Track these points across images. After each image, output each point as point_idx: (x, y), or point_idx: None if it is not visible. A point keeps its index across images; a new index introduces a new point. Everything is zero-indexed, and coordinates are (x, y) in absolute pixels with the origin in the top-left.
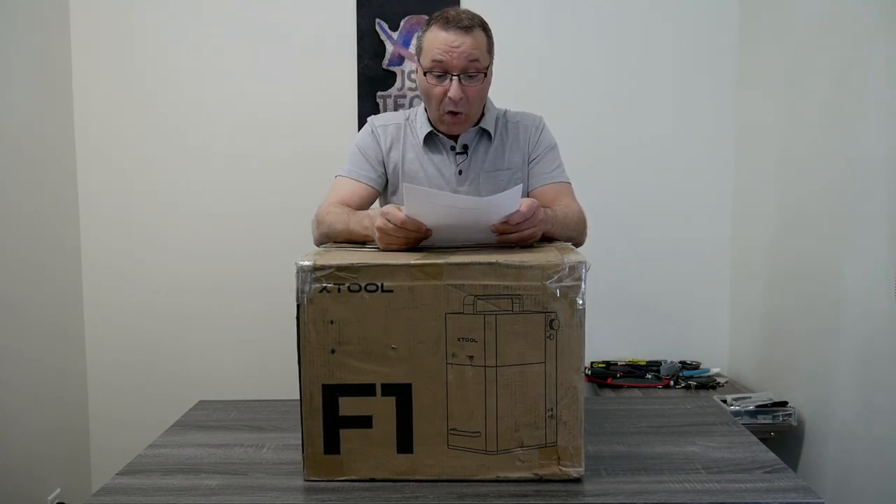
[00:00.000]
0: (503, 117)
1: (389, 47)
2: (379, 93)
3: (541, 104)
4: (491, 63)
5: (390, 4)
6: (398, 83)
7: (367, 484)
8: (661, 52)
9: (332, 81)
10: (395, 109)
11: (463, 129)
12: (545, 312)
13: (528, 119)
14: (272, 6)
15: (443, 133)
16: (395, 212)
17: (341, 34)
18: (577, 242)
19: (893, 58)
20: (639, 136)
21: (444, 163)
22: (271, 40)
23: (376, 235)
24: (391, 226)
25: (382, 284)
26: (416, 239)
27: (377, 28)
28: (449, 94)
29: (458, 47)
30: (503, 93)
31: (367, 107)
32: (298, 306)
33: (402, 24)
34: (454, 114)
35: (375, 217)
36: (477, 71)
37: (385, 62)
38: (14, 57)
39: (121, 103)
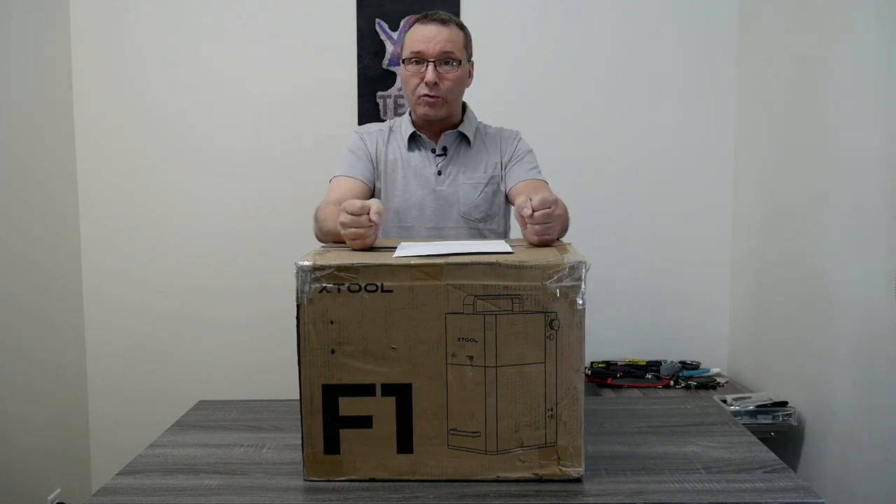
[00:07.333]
0: (483, 129)
1: (389, 47)
2: (379, 93)
3: (540, 103)
4: (468, 60)
5: (390, 4)
6: (398, 83)
7: (367, 484)
8: (661, 51)
9: (332, 81)
10: (395, 109)
11: (440, 113)
12: (545, 312)
13: (506, 132)
14: (272, 6)
15: (425, 135)
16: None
17: (341, 34)
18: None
19: (893, 56)
20: (638, 136)
21: (424, 163)
22: (271, 40)
23: (343, 233)
24: (348, 217)
25: (382, 284)
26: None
27: (377, 28)
28: (425, 78)
29: (433, 37)
30: (502, 92)
31: (367, 107)
32: (298, 306)
33: (402, 24)
34: (430, 97)
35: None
36: (452, 60)
37: (385, 62)
38: (14, 58)
39: (121, 104)
